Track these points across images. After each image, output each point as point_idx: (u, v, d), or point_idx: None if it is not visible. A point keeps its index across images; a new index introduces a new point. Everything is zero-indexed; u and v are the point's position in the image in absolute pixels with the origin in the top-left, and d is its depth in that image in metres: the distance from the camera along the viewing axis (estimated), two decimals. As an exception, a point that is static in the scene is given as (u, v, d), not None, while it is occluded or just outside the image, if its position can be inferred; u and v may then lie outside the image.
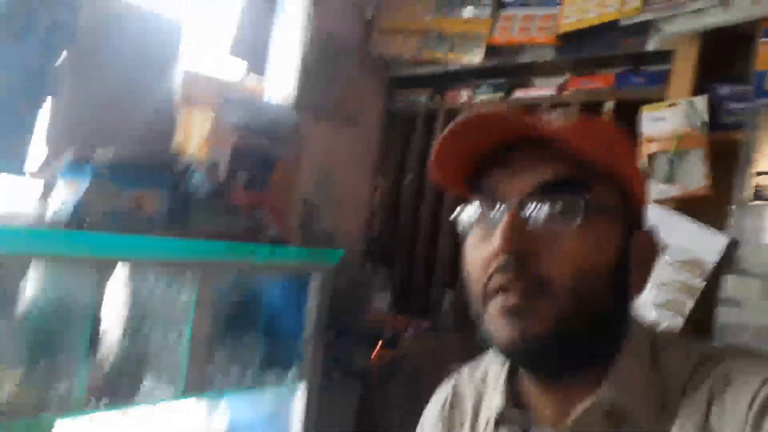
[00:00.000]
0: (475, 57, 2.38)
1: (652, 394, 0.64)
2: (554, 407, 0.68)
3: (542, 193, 0.62)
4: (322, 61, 2.42)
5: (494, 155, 0.66)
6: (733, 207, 1.76)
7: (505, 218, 0.62)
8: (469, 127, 0.64)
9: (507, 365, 0.76)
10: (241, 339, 1.93)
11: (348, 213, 2.63)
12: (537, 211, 0.62)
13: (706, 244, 1.73)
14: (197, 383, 1.65)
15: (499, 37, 2.36)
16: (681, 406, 0.62)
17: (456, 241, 2.47)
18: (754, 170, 1.73)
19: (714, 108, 1.85)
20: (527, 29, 2.30)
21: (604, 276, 0.62)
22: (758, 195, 1.72)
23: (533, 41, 2.27)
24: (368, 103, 2.72)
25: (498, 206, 0.64)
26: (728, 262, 1.71)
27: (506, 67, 2.43)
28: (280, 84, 2.34)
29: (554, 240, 0.61)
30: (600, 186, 0.63)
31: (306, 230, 2.29)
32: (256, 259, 1.80)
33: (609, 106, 2.16)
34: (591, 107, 2.21)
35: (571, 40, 2.20)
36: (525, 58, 2.36)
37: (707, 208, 1.82)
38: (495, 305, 0.63)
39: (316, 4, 2.40)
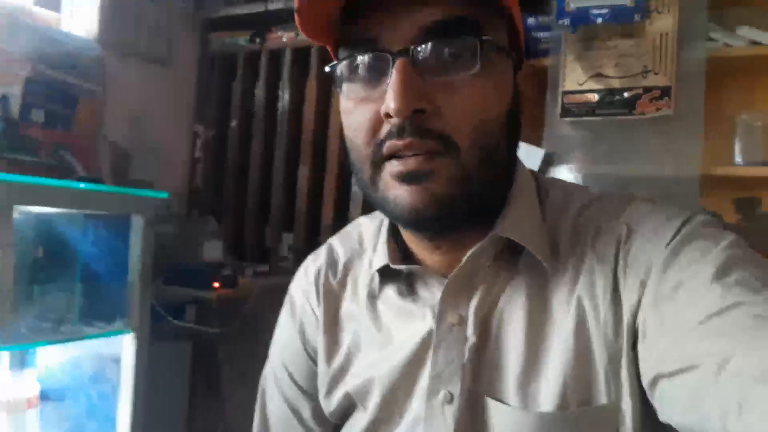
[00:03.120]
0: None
1: (543, 234, 0.62)
2: (446, 258, 0.64)
3: (434, 36, 0.53)
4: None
5: None
6: (546, 124, 1.92)
7: (396, 72, 0.53)
8: None
9: (386, 223, 0.71)
10: (53, 288, 1.81)
11: (166, 161, 2.48)
12: (430, 58, 0.54)
13: (528, 157, 1.84)
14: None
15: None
16: (573, 248, 0.61)
17: (290, 183, 2.48)
18: (561, 90, 1.89)
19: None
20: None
21: (503, 121, 0.58)
22: (565, 112, 1.88)
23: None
24: (181, 43, 2.57)
25: (381, 56, 0.55)
26: (545, 172, 1.84)
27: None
28: (79, 17, 2.17)
29: (454, 90, 0.54)
30: (492, 22, 0.57)
31: (119, 178, 2.17)
32: (68, 195, 1.66)
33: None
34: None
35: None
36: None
37: (524, 126, 1.94)
38: (391, 170, 0.56)
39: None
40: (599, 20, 1.79)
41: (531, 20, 1.98)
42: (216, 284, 2.03)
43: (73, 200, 1.67)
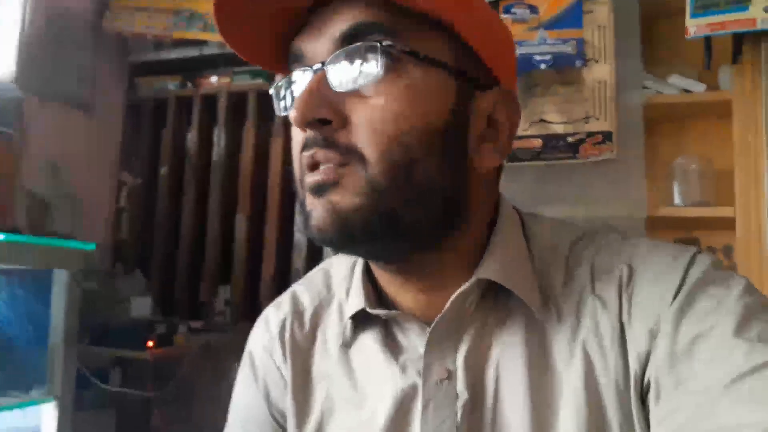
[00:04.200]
0: (232, 38, 2.27)
1: (532, 277, 0.58)
2: (426, 300, 0.59)
3: (344, 42, 0.52)
4: (49, 37, 2.13)
5: (305, 16, 0.55)
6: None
7: (305, 85, 0.52)
8: None
9: (361, 265, 0.64)
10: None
11: (88, 212, 2.31)
12: (340, 69, 0.52)
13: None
14: None
15: (257, 19, 2.29)
16: (568, 290, 0.57)
17: (226, 233, 2.36)
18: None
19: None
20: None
21: (431, 137, 0.52)
22: (510, 157, 1.89)
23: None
24: (106, 89, 2.43)
25: (304, 74, 0.54)
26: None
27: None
28: (-4, 59, 2.02)
29: (361, 100, 0.52)
30: (418, 34, 0.52)
31: (36, 229, 1.98)
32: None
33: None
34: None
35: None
36: (285, 42, 2.33)
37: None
38: (307, 183, 0.53)
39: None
40: (543, 66, 1.83)
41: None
42: (150, 343, 1.87)
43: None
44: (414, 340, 0.59)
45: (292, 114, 0.51)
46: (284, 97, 0.57)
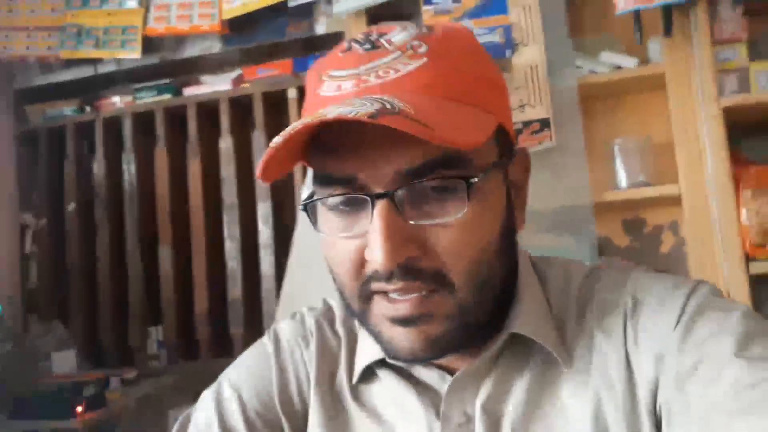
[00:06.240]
0: (130, 52, 2.07)
1: (552, 325, 0.60)
2: (450, 358, 0.60)
3: (416, 177, 0.50)
4: None
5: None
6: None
7: (377, 219, 0.50)
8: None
9: None
10: None
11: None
12: (414, 202, 0.51)
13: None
14: None
15: (157, 28, 2.09)
16: (580, 330, 0.59)
17: (150, 268, 2.15)
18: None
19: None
20: (187, 17, 2.08)
21: (499, 240, 0.56)
22: None
23: (196, 30, 2.07)
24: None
25: (361, 198, 0.52)
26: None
27: (168, 65, 2.17)
28: None
29: (443, 230, 0.51)
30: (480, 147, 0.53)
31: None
32: None
33: (292, 93, 2.09)
34: (273, 97, 2.13)
35: (237, 27, 2.10)
36: (190, 52, 2.15)
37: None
38: (382, 311, 0.53)
39: None
40: (471, 59, 1.72)
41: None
42: (79, 408, 1.66)
43: None
44: (433, 385, 0.60)
45: (379, 257, 0.49)
46: (328, 212, 0.55)
